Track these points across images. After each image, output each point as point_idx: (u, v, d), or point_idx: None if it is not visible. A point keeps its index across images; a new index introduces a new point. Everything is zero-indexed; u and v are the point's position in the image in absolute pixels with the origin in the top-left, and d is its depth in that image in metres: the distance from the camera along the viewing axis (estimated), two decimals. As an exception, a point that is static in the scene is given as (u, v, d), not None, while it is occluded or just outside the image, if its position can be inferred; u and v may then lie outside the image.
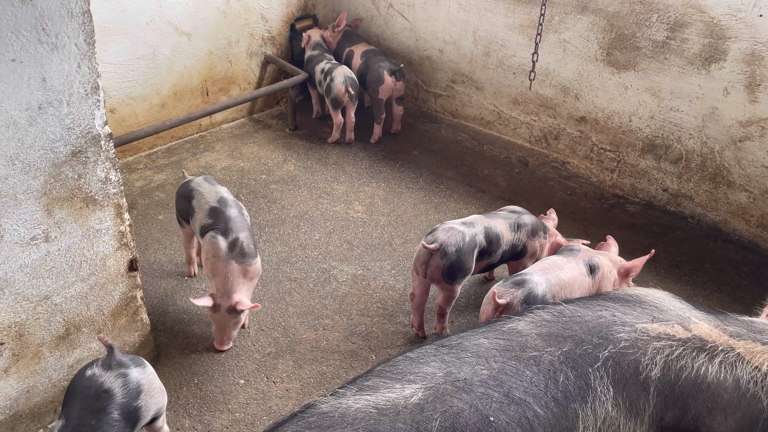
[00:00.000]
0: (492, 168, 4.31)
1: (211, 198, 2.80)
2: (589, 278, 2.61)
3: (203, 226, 2.74)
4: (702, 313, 1.80)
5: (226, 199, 2.81)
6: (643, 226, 3.79)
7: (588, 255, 2.68)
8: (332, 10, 5.16)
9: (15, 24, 1.81)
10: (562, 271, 2.57)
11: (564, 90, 4.14)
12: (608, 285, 2.65)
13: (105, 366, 2.01)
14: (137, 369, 2.05)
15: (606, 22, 3.79)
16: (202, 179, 2.94)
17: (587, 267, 2.62)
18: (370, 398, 1.50)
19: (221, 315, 2.68)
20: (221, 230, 2.67)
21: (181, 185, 2.97)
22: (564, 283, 2.53)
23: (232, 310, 2.66)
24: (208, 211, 2.75)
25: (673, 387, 1.62)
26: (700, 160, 3.70)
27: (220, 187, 2.90)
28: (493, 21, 4.31)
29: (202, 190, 2.85)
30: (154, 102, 4.20)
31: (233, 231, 2.67)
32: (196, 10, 4.20)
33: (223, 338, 2.79)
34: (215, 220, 2.71)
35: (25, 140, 1.95)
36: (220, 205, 2.76)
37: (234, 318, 2.70)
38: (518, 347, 1.66)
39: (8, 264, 2.05)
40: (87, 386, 1.97)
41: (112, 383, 1.98)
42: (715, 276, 3.40)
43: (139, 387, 2.03)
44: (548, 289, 2.47)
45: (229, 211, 2.75)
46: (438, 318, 2.89)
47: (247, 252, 2.66)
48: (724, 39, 3.38)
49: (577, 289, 2.55)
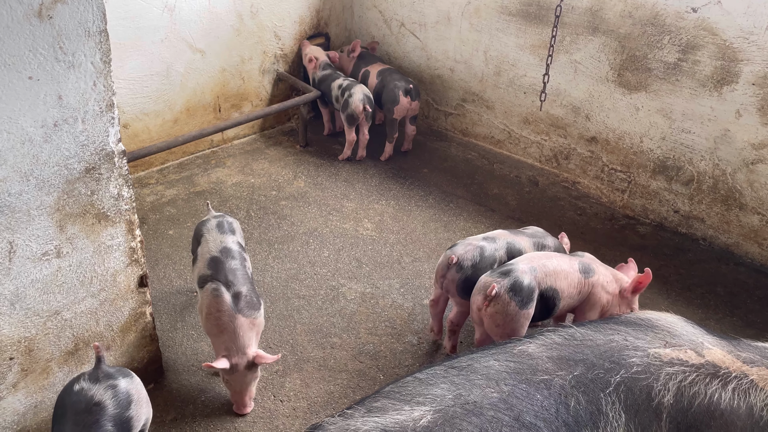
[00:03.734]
0: (502, 187, 4.31)
1: (214, 247, 2.65)
2: (580, 275, 2.64)
3: (201, 276, 2.59)
4: (715, 339, 1.78)
5: (230, 249, 2.65)
6: (654, 247, 3.77)
7: (587, 260, 2.71)
8: (345, 28, 5.21)
9: (33, 42, 1.84)
10: (549, 260, 2.64)
11: (575, 110, 4.15)
12: (604, 295, 2.67)
13: (92, 379, 1.99)
14: (125, 380, 2.04)
15: (617, 43, 3.80)
16: (215, 224, 2.78)
17: (580, 266, 2.66)
18: (379, 420, 1.48)
19: (239, 374, 2.47)
20: (223, 282, 2.50)
21: (198, 225, 2.86)
22: (549, 270, 2.60)
23: (251, 366, 2.47)
24: (208, 261, 2.60)
25: (686, 414, 1.60)
26: (711, 182, 3.68)
27: (230, 236, 2.73)
28: (504, 41, 4.33)
29: (209, 237, 2.71)
30: (167, 118, 4.24)
31: (234, 284, 2.50)
32: (210, 28, 4.25)
33: (245, 399, 2.57)
34: (214, 272, 2.54)
35: (39, 157, 1.97)
36: (221, 256, 2.61)
37: (253, 374, 2.51)
38: (529, 370, 1.64)
39: (20, 279, 2.06)
40: (77, 401, 1.94)
41: (102, 395, 1.96)
42: (727, 300, 3.37)
43: (129, 397, 2.01)
44: (534, 276, 2.55)
45: (230, 262, 2.58)
46: (449, 335, 2.91)
47: (252, 304, 2.51)
48: (736, 61, 3.38)
49: (563, 279, 2.61)
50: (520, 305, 2.51)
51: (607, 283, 2.67)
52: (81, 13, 1.91)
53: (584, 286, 2.64)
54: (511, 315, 2.51)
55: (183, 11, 4.05)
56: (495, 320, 2.54)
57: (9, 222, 1.96)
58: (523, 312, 2.52)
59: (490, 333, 2.62)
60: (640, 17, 3.66)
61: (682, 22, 3.51)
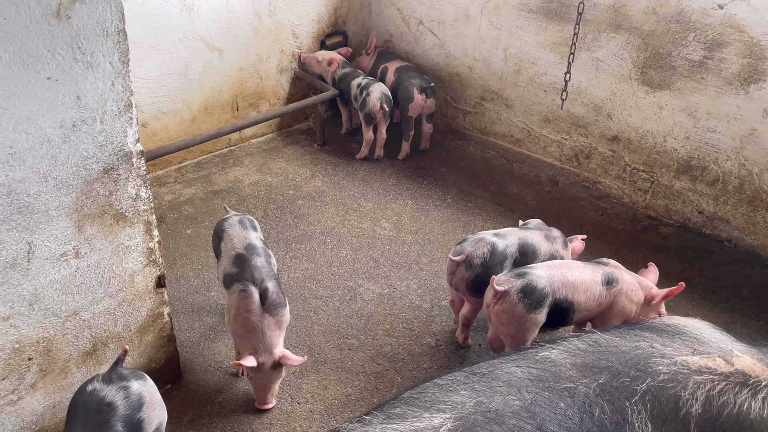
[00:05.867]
0: (521, 186, 4.25)
1: (238, 244, 2.62)
2: (602, 287, 2.57)
3: (227, 275, 2.57)
4: (744, 346, 1.73)
5: (255, 246, 2.63)
6: (677, 249, 3.69)
7: (611, 269, 2.64)
8: (362, 26, 5.18)
9: (51, 42, 1.83)
10: (570, 271, 2.57)
11: (596, 109, 4.08)
12: (628, 304, 2.60)
13: (105, 380, 2.00)
14: (138, 382, 2.04)
15: (641, 40, 3.73)
16: (237, 221, 2.76)
17: (603, 277, 2.58)
18: (398, 427, 1.45)
19: (265, 373, 2.48)
20: (251, 281, 2.49)
21: (218, 223, 2.83)
22: (568, 281, 2.53)
23: (277, 365, 2.47)
24: (233, 258, 2.58)
25: (714, 424, 1.55)
26: (737, 182, 3.59)
27: (252, 232, 2.72)
28: (524, 39, 4.27)
29: (231, 233, 2.69)
30: (185, 117, 4.24)
31: (260, 281, 2.49)
32: (228, 27, 4.24)
33: (267, 396, 2.58)
34: (240, 270, 2.53)
35: (58, 157, 1.96)
36: (246, 253, 2.58)
37: (278, 373, 2.52)
38: (552, 377, 1.60)
39: (38, 280, 2.06)
40: (89, 401, 1.95)
41: (114, 396, 1.96)
42: (753, 303, 3.29)
43: (141, 399, 2.01)
44: (549, 283, 2.49)
45: (256, 260, 2.56)
46: (461, 327, 2.92)
47: (278, 302, 2.49)
48: (764, 59, 3.30)
49: (583, 292, 2.55)
50: (528, 309, 2.46)
51: (632, 291, 2.60)
52: (99, 13, 1.90)
53: (605, 298, 2.58)
54: (517, 317, 2.48)
55: (201, 10, 4.05)
56: (501, 319, 2.52)
57: (28, 223, 1.96)
58: (531, 316, 2.47)
59: (497, 331, 2.60)
60: (664, 14, 3.59)
61: (707, 19, 3.43)
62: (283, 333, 2.53)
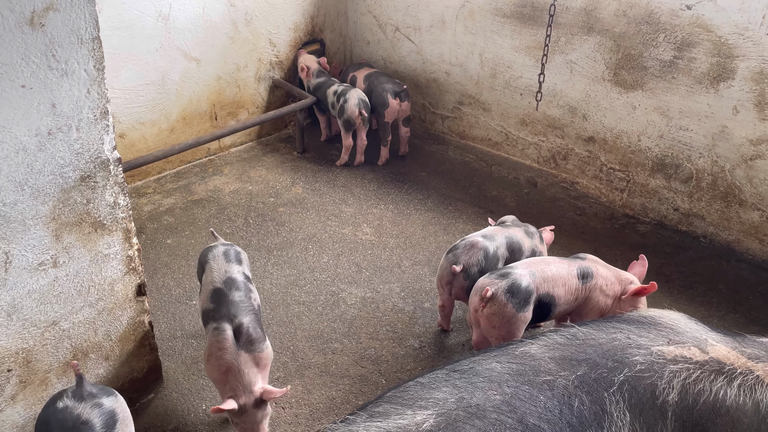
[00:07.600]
0: (500, 189, 4.29)
1: (218, 277, 2.49)
2: (578, 281, 2.63)
3: (204, 311, 2.45)
4: (719, 335, 1.76)
5: (235, 280, 2.49)
6: (654, 246, 3.75)
7: (587, 263, 2.69)
8: (339, 34, 5.21)
9: (25, 50, 1.83)
10: (548, 266, 2.63)
11: (572, 110, 4.14)
12: (603, 298, 2.64)
13: (77, 397, 1.94)
14: (109, 398, 2.00)
15: (612, 42, 3.79)
16: (221, 252, 2.63)
17: (579, 271, 2.64)
18: (381, 425, 1.46)
19: (249, 414, 2.27)
20: (225, 318, 2.34)
21: (203, 251, 2.71)
22: (548, 276, 2.59)
23: (260, 403, 2.27)
24: (211, 293, 2.45)
25: (691, 411, 1.58)
26: (710, 179, 3.67)
27: (236, 265, 2.58)
28: (499, 43, 4.32)
29: (213, 265, 2.56)
30: (163, 127, 4.23)
31: (235, 316, 2.34)
32: (205, 36, 4.25)
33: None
34: (217, 306, 2.39)
35: (34, 166, 1.95)
36: (224, 287, 2.45)
37: (263, 411, 2.30)
38: (531, 371, 1.62)
39: (16, 290, 2.04)
40: (63, 419, 1.89)
41: (89, 414, 1.91)
42: (729, 296, 3.35)
43: (114, 416, 1.97)
44: (532, 280, 2.55)
45: (234, 294, 2.42)
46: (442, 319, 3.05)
47: (254, 338, 2.31)
48: (732, 58, 3.38)
49: (561, 286, 2.60)
50: (517, 308, 2.49)
51: (606, 286, 2.64)
52: (73, 21, 1.90)
53: (581, 292, 2.63)
54: (508, 317, 2.50)
55: (177, 20, 4.05)
56: (491, 322, 2.53)
57: (4, 232, 1.94)
58: (520, 315, 2.51)
59: (486, 335, 2.61)
60: (634, 16, 3.66)
61: (676, 20, 3.51)
62: (267, 370, 2.35)
